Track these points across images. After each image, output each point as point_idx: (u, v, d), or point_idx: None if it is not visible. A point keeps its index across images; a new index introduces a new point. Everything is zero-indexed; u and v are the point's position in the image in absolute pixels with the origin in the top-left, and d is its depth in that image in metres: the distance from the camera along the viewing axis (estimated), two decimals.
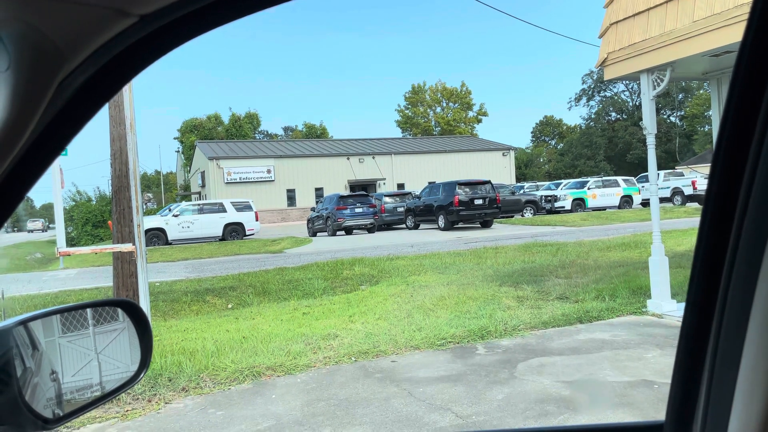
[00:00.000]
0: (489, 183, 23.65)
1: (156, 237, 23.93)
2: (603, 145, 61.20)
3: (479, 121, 64.91)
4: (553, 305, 7.55)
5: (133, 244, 6.34)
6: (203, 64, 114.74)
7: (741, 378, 0.70)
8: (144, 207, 24.98)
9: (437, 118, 64.21)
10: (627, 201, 30.68)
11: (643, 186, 28.84)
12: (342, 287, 10.58)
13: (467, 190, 22.75)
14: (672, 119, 63.55)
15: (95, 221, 31.36)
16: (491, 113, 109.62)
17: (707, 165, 6.21)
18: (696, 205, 28.07)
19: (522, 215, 28.86)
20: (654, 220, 7.09)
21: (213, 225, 25.01)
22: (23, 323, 0.97)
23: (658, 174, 8.80)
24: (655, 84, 6.75)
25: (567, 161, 63.00)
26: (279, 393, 4.96)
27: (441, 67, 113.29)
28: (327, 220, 24.91)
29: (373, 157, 42.10)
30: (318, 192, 39.35)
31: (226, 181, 37.92)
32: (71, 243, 27.13)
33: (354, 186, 40.07)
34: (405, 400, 4.61)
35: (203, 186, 40.26)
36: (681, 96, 62.24)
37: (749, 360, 0.69)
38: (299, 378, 5.32)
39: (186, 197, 46.02)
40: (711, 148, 6.48)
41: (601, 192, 30.44)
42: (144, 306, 5.92)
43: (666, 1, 6.33)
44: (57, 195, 6.62)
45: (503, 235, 19.27)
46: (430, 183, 30.42)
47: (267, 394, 4.96)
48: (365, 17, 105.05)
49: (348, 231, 24.93)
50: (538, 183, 39.40)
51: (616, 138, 62.02)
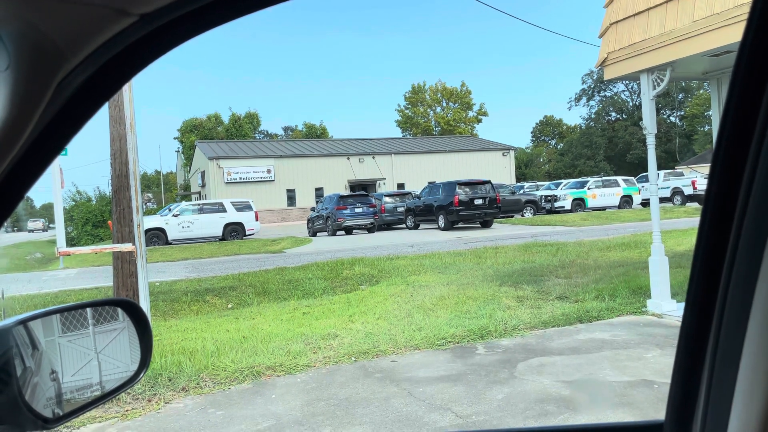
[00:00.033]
0: (489, 183, 23.65)
1: (156, 237, 23.93)
2: (603, 145, 61.20)
3: (479, 121, 64.96)
4: (553, 305, 7.55)
5: (133, 243, 6.34)
6: (203, 63, 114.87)
7: (741, 378, 0.70)
8: (144, 207, 24.96)
9: (437, 118, 64.21)
10: (627, 201, 30.69)
11: (643, 186, 28.84)
12: (342, 287, 10.58)
13: (467, 190, 22.75)
14: (672, 119, 63.54)
15: (95, 221, 31.35)
16: (491, 113, 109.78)
17: (707, 165, 6.21)
18: (696, 205, 28.07)
19: (522, 215, 28.87)
20: (654, 220, 7.10)
21: (213, 225, 25.01)
22: (23, 323, 0.97)
23: (658, 174, 8.79)
24: (655, 84, 6.75)
25: (567, 161, 63.01)
26: (279, 393, 4.96)
27: (441, 67, 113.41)
28: (327, 220, 24.91)
29: (373, 157, 42.10)
30: (318, 192, 39.35)
31: (226, 181, 37.93)
32: (71, 243, 27.12)
33: (354, 186, 40.08)
34: (405, 399, 4.61)
35: (203, 186, 40.27)
36: (681, 96, 62.23)
37: (749, 360, 0.69)
38: (299, 378, 5.32)
39: (186, 197, 46.02)
40: (711, 148, 6.48)
41: (601, 192, 30.45)
42: (144, 306, 5.92)
43: (666, 1, 6.33)
44: (57, 195, 6.62)
45: (503, 235, 19.27)
46: (430, 183, 30.42)
47: (267, 393, 4.96)
48: (365, 17, 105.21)
49: (348, 231, 24.93)
50: (538, 183, 39.41)
51: (616, 138, 62.02)
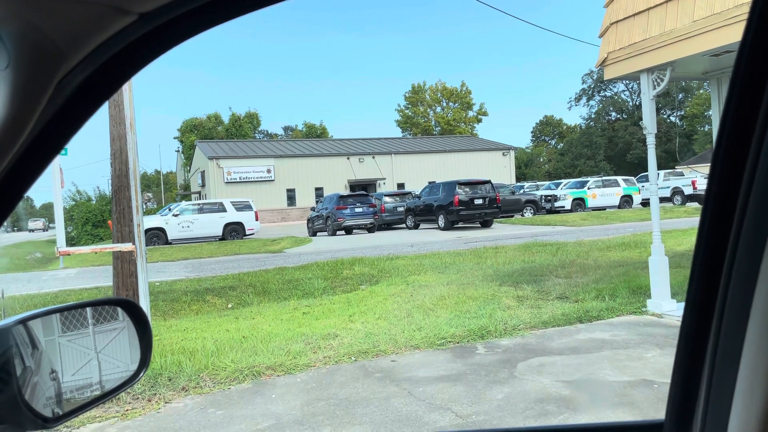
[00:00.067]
0: (489, 183, 23.64)
1: (156, 236, 23.93)
2: (603, 145, 61.20)
3: (479, 121, 64.96)
4: (553, 305, 7.55)
5: (133, 243, 6.34)
6: (203, 63, 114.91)
7: (741, 377, 0.70)
8: (144, 206, 24.95)
9: (437, 117, 64.21)
10: (627, 201, 30.69)
11: (643, 186, 28.84)
12: (342, 287, 10.58)
13: (467, 189, 22.75)
14: (672, 119, 63.53)
15: (95, 221, 31.34)
16: (491, 113, 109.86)
17: (707, 165, 6.21)
18: (696, 205, 28.07)
19: (522, 215, 28.87)
20: (654, 219, 7.10)
21: (213, 224, 25.01)
22: (23, 322, 0.97)
23: (658, 174, 8.79)
24: (655, 84, 6.75)
25: (567, 161, 63.00)
26: (279, 392, 4.96)
27: (441, 67, 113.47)
28: (327, 219, 24.91)
29: (373, 157, 42.10)
30: (318, 192, 39.35)
31: (226, 181, 37.94)
32: (71, 242, 27.13)
33: (354, 186, 40.08)
34: (405, 399, 4.61)
35: (203, 185, 40.27)
36: (681, 96, 62.22)
37: (749, 359, 0.69)
38: (299, 377, 5.32)
39: (186, 197, 46.02)
40: (711, 147, 6.47)
41: (601, 192, 30.45)
42: (144, 305, 5.92)
43: (666, 1, 6.32)
44: (57, 194, 6.62)
45: (503, 235, 19.27)
46: (430, 183, 30.42)
47: (267, 393, 4.96)
48: (365, 17, 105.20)
49: (348, 231, 24.92)
50: (538, 183, 39.41)
51: (616, 138, 62.01)
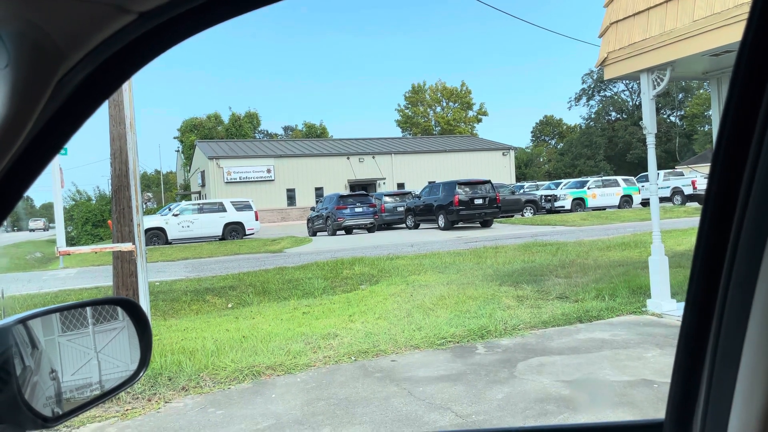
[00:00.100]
0: (489, 182, 23.64)
1: (156, 236, 23.92)
2: (603, 145, 61.19)
3: (479, 121, 64.97)
4: (553, 305, 7.55)
5: (133, 243, 6.34)
6: (203, 63, 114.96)
7: (741, 377, 0.70)
8: (144, 206, 24.94)
9: (437, 117, 64.20)
10: (627, 201, 30.69)
11: (643, 185, 28.84)
12: (342, 287, 10.58)
13: (467, 189, 22.74)
14: (672, 119, 63.52)
15: (95, 221, 31.33)
16: (491, 113, 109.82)
17: (707, 165, 6.21)
18: (696, 205, 28.06)
19: (522, 215, 28.87)
20: (654, 219, 7.09)
21: (213, 224, 25.01)
22: (23, 322, 0.97)
23: (658, 174, 8.79)
24: (655, 83, 6.75)
25: (567, 161, 63.00)
26: (279, 392, 4.96)
27: (441, 67, 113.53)
28: (327, 219, 24.90)
29: (373, 157, 42.10)
30: (318, 191, 39.35)
31: (226, 181, 37.93)
32: (71, 242, 27.13)
33: (354, 186, 40.08)
34: (405, 399, 4.61)
35: (203, 185, 40.27)
36: (681, 96, 62.22)
37: (749, 359, 0.69)
38: (299, 377, 5.32)
39: (186, 197, 46.02)
40: (711, 147, 6.48)
41: (601, 192, 30.45)
42: (144, 305, 5.92)
43: (666, 1, 6.32)
44: (57, 194, 6.62)
45: (503, 235, 19.27)
46: (430, 183, 30.42)
47: (267, 393, 4.96)
48: (365, 17, 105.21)
49: (348, 230, 24.92)
50: (538, 183, 39.40)
51: (616, 138, 62.00)
